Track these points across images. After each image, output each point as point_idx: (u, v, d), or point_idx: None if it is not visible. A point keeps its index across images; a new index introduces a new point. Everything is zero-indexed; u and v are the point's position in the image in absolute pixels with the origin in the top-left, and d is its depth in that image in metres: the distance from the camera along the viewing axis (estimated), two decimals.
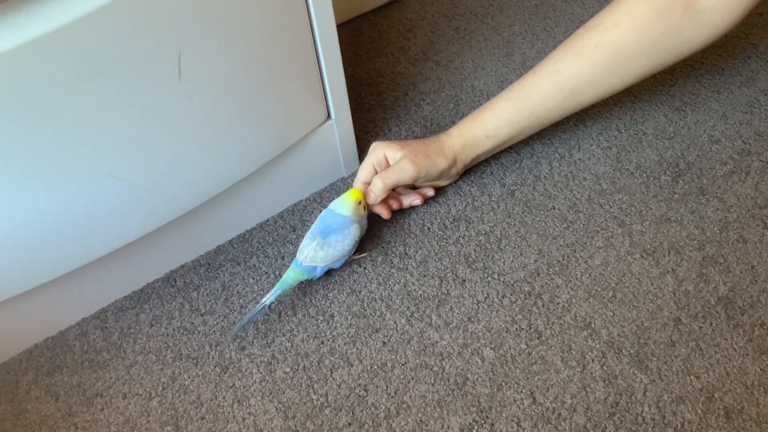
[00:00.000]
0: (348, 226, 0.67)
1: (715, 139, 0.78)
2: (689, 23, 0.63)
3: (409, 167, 0.68)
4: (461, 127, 0.71)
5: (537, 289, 0.68)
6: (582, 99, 0.69)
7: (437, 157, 0.69)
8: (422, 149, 0.69)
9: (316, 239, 0.66)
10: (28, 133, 0.50)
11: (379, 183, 0.68)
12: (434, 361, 0.64)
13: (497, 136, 0.71)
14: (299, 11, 0.60)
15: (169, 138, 0.59)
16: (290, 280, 0.66)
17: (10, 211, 0.55)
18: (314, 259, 0.66)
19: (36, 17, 0.47)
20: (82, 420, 0.63)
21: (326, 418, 0.61)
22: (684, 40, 0.64)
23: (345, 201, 0.67)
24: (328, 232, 0.66)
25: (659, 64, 0.67)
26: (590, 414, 0.59)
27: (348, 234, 0.67)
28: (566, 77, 0.67)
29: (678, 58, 0.67)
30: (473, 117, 0.71)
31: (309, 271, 0.67)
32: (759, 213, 0.71)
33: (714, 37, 0.64)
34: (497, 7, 0.98)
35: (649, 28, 0.64)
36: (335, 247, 0.66)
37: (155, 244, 0.68)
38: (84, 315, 0.70)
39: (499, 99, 0.70)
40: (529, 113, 0.69)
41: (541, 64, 0.69)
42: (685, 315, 0.65)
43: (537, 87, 0.68)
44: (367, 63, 0.92)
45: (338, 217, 0.67)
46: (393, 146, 0.69)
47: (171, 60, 0.54)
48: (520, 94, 0.69)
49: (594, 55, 0.66)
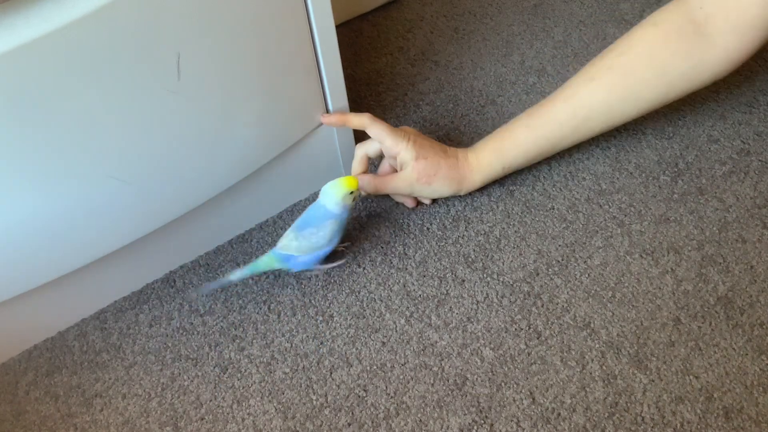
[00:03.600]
0: (324, 220, 0.65)
1: (714, 138, 0.78)
2: (699, 46, 0.63)
3: (404, 187, 0.69)
4: (479, 154, 0.70)
5: (536, 289, 0.68)
6: (594, 125, 0.69)
7: (439, 185, 0.69)
8: (430, 172, 0.68)
9: (294, 230, 0.66)
10: (27, 133, 0.51)
11: (372, 186, 0.69)
12: (434, 361, 0.64)
13: (512, 167, 0.72)
14: (298, 12, 0.60)
15: (168, 138, 0.59)
16: (262, 264, 0.66)
17: (8, 211, 0.55)
18: (287, 248, 0.66)
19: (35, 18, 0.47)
20: (82, 421, 0.63)
21: (326, 419, 0.61)
22: (695, 64, 0.64)
23: (334, 190, 0.65)
24: (304, 225, 0.66)
25: (671, 90, 0.67)
26: (589, 414, 0.59)
27: (322, 227, 0.66)
28: (580, 102, 0.67)
29: (691, 85, 0.66)
30: (493, 146, 0.70)
31: (283, 259, 0.66)
32: (758, 213, 0.71)
33: (726, 62, 0.64)
34: (496, 8, 0.98)
35: (660, 50, 0.64)
36: (309, 239, 0.66)
37: (155, 245, 0.68)
38: (83, 316, 0.70)
39: (519, 125, 0.70)
40: (544, 141, 0.70)
41: (559, 90, 0.69)
42: (684, 315, 0.65)
43: (553, 112, 0.68)
44: (366, 63, 0.92)
45: (320, 210, 0.66)
46: (410, 152, 0.67)
47: (170, 61, 0.54)
48: (538, 122, 0.69)
49: (607, 77, 0.66)
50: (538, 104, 0.70)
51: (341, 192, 0.65)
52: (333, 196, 0.65)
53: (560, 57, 0.89)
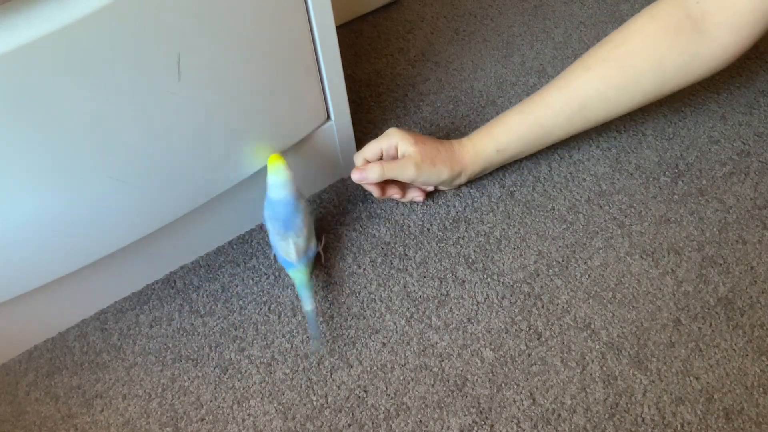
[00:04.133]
0: (292, 203, 0.65)
1: (714, 140, 0.78)
2: (696, 40, 0.63)
3: (411, 169, 0.68)
4: (474, 139, 0.71)
5: (536, 290, 0.68)
6: (590, 115, 0.69)
7: (442, 166, 0.69)
8: (432, 154, 0.69)
9: (288, 237, 0.65)
10: (27, 134, 0.50)
11: (377, 170, 0.68)
12: (434, 362, 0.64)
13: (506, 151, 0.71)
14: (299, 13, 0.60)
15: (168, 139, 0.59)
16: (305, 279, 0.66)
17: (9, 212, 0.55)
18: (302, 250, 0.66)
19: (35, 19, 0.47)
20: (82, 421, 0.63)
21: (326, 419, 0.61)
22: (691, 58, 0.64)
23: (277, 172, 0.64)
24: (286, 223, 0.65)
25: (667, 83, 0.67)
26: (590, 415, 0.59)
27: (299, 207, 0.65)
28: (575, 91, 0.67)
29: (687, 78, 0.66)
30: (486, 131, 0.71)
31: (306, 261, 0.67)
32: (758, 214, 0.71)
33: (722, 57, 0.64)
34: (496, 9, 0.98)
35: (657, 43, 0.64)
36: (303, 226, 0.65)
37: (155, 246, 0.68)
38: (84, 316, 0.70)
39: (511, 112, 0.70)
40: (539, 127, 0.69)
41: (554, 79, 0.69)
42: (684, 316, 0.65)
43: (548, 101, 0.68)
44: (366, 64, 0.92)
45: (280, 202, 0.65)
46: (407, 139, 0.68)
47: (171, 61, 0.54)
48: (531, 108, 0.69)
49: (602, 68, 0.66)
50: (534, 93, 0.70)
51: (279, 166, 0.65)
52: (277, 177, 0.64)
53: (560, 58, 0.89)
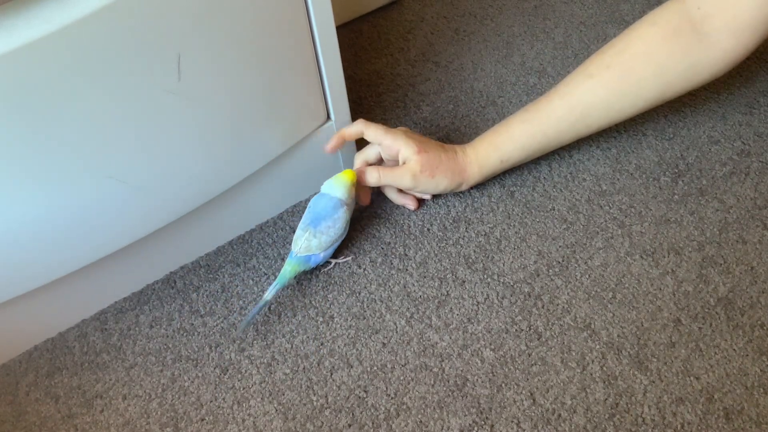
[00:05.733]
0: (337, 209, 0.67)
1: (714, 140, 0.78)
2: (697, 46, 0.63)
3: (407, 179, 0.69)
4: (477, 148, 0.71)
5: (537, 290, 0.68)
6: (592, 121, 0.69)
7: (442, 177, 0.69)
8: (433, 164, 0.68)
9: (308, 229, 0.67)
10: (27, 134, 0.51)
11: (374, 176, 0.69)
12: (434, 362, 0.64)
13: (510, 160, 0.72)
14: (299, 13, 0.61)
15: (169, 140, 0.59)
16: (288, 273, 0.67)
17: (9, 212, 0.55)
18: (309, 249, 0.67)
19: (35, 19, 0.47)
20: (82, 422, 0.63)
21: (326, 420, 0.61)
22: (692, 63, 0.65)
23: (340, 182, 0.68)
24: (318, 220, 0.67)
25: (669, 88, 0.67)
26: (590, 415, 0.59)
27: (338, 218, 0.67)
28: (578, 98, 0.67)
29: (688, 84, 0.67)
30: (489, 140, 0.71)
31: (305, 261, 0.67)
32: (758, 214, 0.71)
33: (723, 62, 0.64)
34: (497, 9, 0.98)
35: (658, 49, 0.65)
36: (327, 233, 0.67)
37: (155, 246, 0.68)
38: (84, 316, 0.70)
39: (514, 120, 0.70)
40: (541, 136, 0.70)
41: (556, 86, 0.69)
42: (684, 316, 0.65)
43: (551, 108, 0.69)
44: (366, 64, 0.92)
45: (329, 202, 0.67)
46: (411, 146, 0.68)
47: (171, 61, 0.54)
48: (534, 116, 0.69)
49: (605, 75, 0.66)
50: (536, 100, 0.70)
51: (348, 181, 0.68)
52: (341, 185, 0.68)
53: (561, 58, 0.89)
